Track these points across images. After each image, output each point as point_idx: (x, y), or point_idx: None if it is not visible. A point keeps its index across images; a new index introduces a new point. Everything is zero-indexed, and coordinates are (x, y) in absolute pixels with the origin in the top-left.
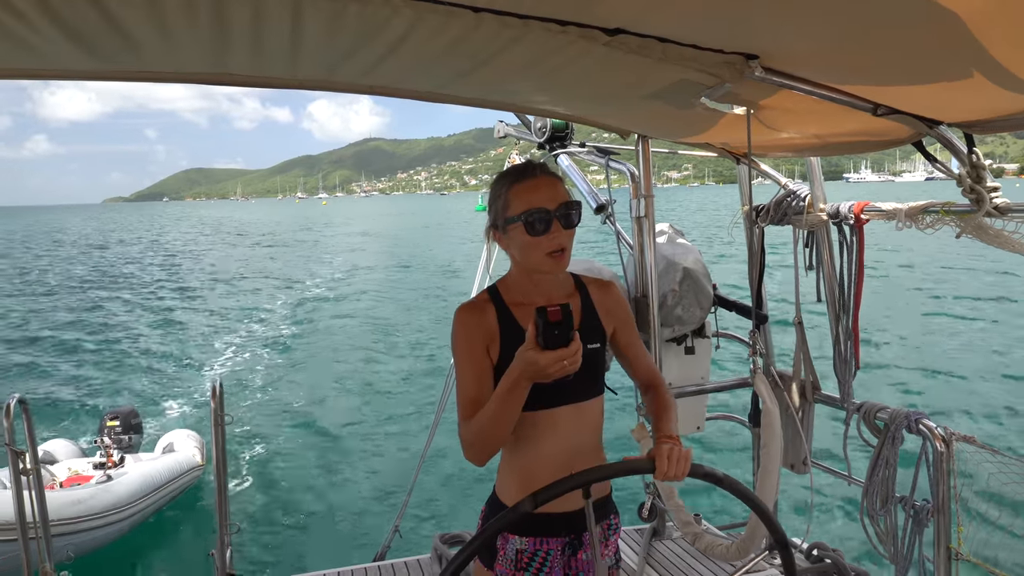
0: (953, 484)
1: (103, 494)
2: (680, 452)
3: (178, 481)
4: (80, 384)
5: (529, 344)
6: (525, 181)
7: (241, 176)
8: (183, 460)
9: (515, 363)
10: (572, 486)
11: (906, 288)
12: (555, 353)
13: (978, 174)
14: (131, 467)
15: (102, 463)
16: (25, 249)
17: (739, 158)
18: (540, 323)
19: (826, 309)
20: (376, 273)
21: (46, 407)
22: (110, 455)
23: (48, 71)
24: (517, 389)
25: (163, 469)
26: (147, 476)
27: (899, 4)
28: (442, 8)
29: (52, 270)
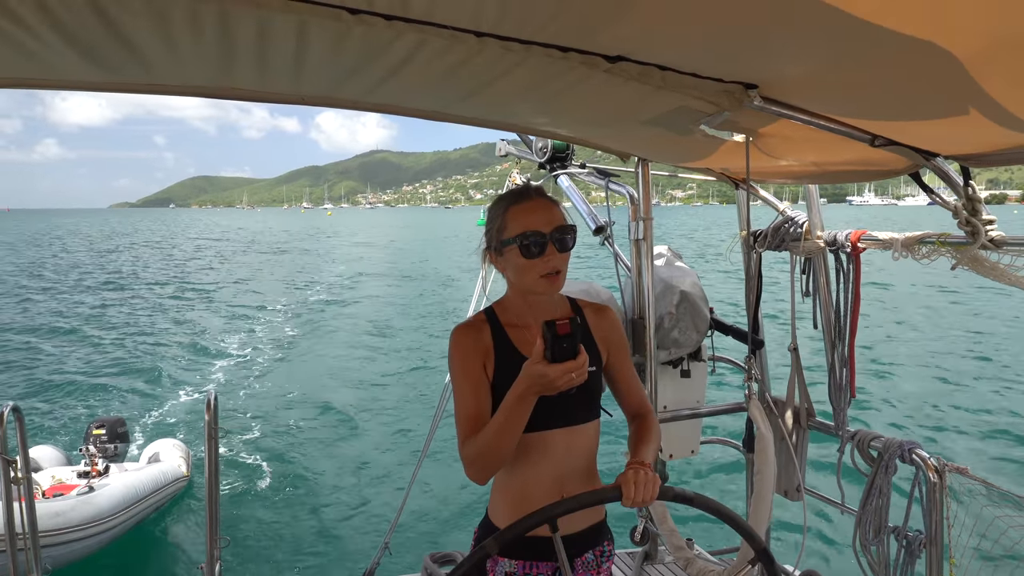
0: (946, 515)
1: (83, 506)
2: (647, 476)
3: (162, 492)
4: (69, 390)
5: (536, 358)
6: (521, 204)
7: (248, 185)
8: (168, 470)
9: (522, 377)
10: (537, 521)
11: (903, 314)
12: (563, 366)
13: (974, 207)
14: (115, 477)
15: (86, 472)
16: (35, 250)
17: (738, 183)
18: (549, 336)
19: (822, 336)
20: (374, 283)
21: (32, 411)
22: (94, 464)
23: (55, 81)
24: (523, 403)
25: (147, 480)
26: (130, 487)
27: (896, 41)
28: (446, 32)
29: (50, 273)
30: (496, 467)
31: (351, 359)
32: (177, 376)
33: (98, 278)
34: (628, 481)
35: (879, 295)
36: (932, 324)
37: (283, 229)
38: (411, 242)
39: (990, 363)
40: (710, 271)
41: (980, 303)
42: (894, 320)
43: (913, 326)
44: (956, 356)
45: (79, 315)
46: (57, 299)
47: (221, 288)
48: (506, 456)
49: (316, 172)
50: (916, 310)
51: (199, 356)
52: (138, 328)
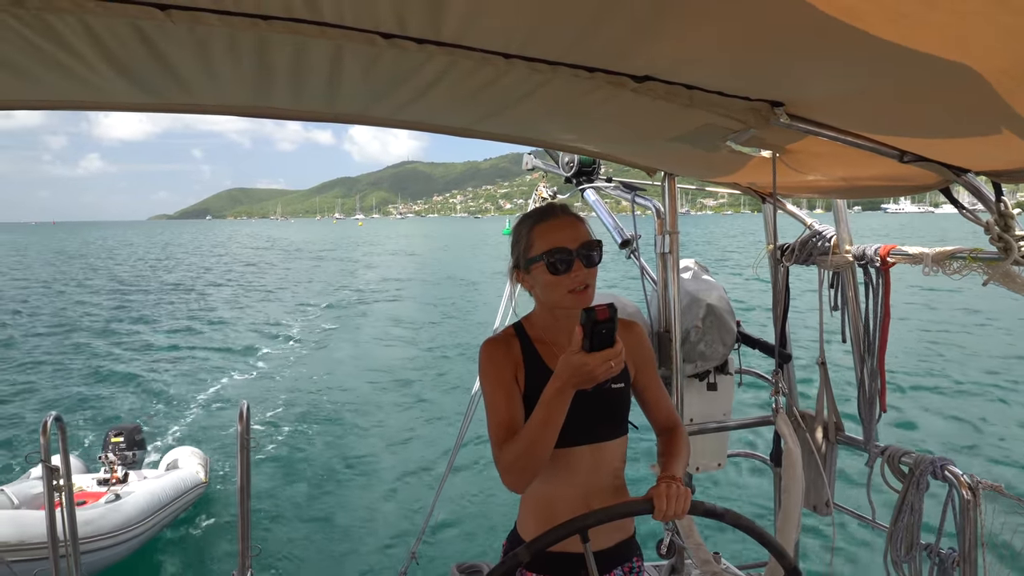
0: (980, 533)
1: (112, 513)
2: (678, 490)
3: (182, 499)
4: (87, 397)
5: (575, 348)
6: (547, 222)
7: (281, 196)
8: (187, 477)
9: (560, 370)
10: (568, 532)
11: (939, 329)
12: (602, 354)
13: (1006, 222)
14: (135, 484)
15: (106, 479)
16: (80, 259)
17: (765, 198)
18: (588, 324)
19: (851, 350)
20: (406, 288)
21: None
22: (114, 471)
23: (103, 104)
24: (562, 397)
25: (168, 487)
26: (153, 494)
27: (922, 62)
28: (475, 54)
29: (75, 283)
30: (535, 471)
31: (379, 370)
32: (197, 383)
33: (124, 284)
34: (660, 494)
35: (917, 310)
36: (971, 340)
37: (308, 240)
38: (438, 251)
39: None
40: (743, 282)
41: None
42: (930, 335)
43: (951, 341)
44: (990, 372)
45: (101, 323)
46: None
47: (244, 298)
48: (544, 458)
49: (348, 183)
50: (953, 325)
51: (221, 363)
52: (156, 335)
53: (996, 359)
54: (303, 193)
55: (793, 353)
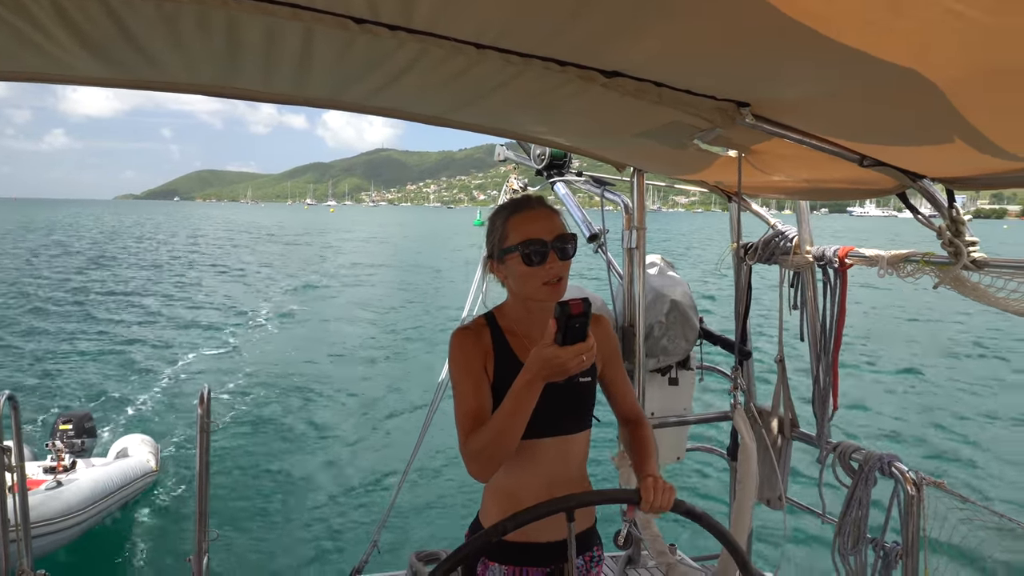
0: (923, 527)
1: (52, 500)
2: (665, 484)
3: (130, 487)
4: (36, 383)
5: (547, 341)
6: (522, 213)
7: (252, 180)
8: (136, 466)
9: (531, 362)
10: (555, 509)
11: (899, 327)
12: (574, 348)
13: (957, 228)
14: (82, 472)
15: (52, 467)
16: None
17: (731, 196)
18: (562, 318)
19: (808, 349)
20: (372, 277)
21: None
22: (61, 459)
23: (66, 77)
24: (532, 388)
25: (115, 475)
26: (98, 482)
27: (882, 70)
28: (447, 43)
29: (31, 265)
30: (500, 460)
31: (343, 356)
32: (151, 369)
33: (77, 269)
34: (647, 486)
35: (883, 310)
36: (926, 339)
37: (278, 224)
38: (409, 239)
39: (980, 379)
40: (702, 277)
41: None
42: (889, 335)
43: (908, 340)
44: (945, 371)
45: (54, 306)
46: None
47: (200, 282)
48: (511, 448)
49: (321, 168)
50: (913, 325)
51: (176, 349)
52: (113, 321)
53: (951, 359)
54: (274, 177)
55: (754, 350)
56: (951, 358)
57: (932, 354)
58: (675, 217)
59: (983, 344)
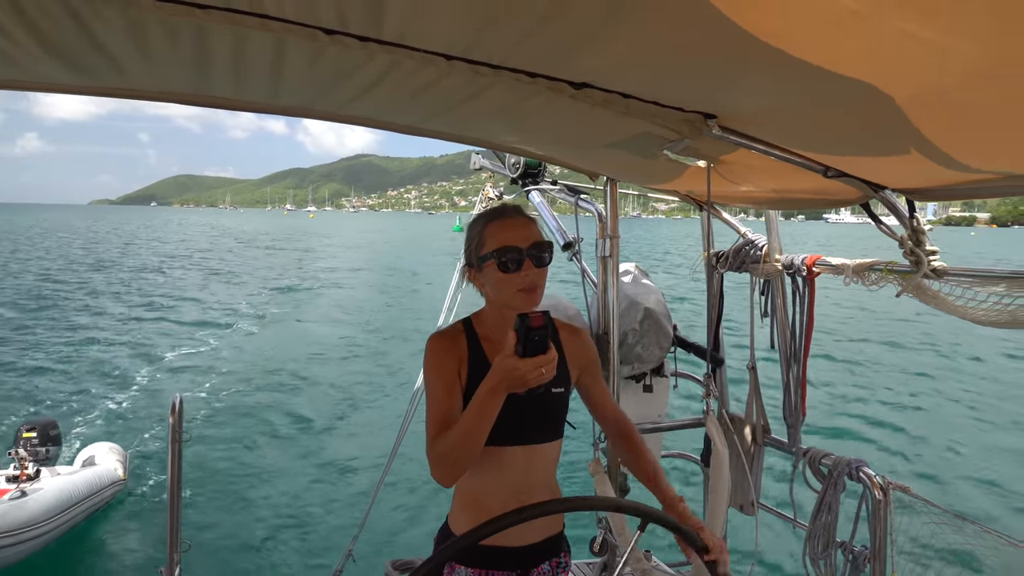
0: (890, 531)
1: (15, 511)
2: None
3: (97, 496)
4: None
5: (508, 351)
6: (499, 221)
7: (231, 185)
8: (103, 474)
9: (493, 372)
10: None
11: (874, 336)
12: (534, 360)
13: (918, 238)
14: (47, 481)
15: (15, 476)
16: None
17: (702, 205)
18: (521, 329)
19: (778, 356)
20: (348, 281)
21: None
22: (24, 468)
23: (32, 84)
24: (494, 398)
25: (81, 484)
26: (63, 491)
27: (840, 85)
28: (417, 55)
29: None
30: (463, 466)
31: (316, 361)
32: (120, 375)
33: (43, 274)
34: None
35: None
36: (908, 345)
37: (256, 231)
38: (389, 244)
39: (953, 387)
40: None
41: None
42: (867, 339)
43: (891, 345)
44: (917, 377)
45: (19, 310)
46: None
47: (176, 290)
48: (474, 455)
49: (301, 174)
50: (895, 332)
51: (146, 355)
52: (79, 326)
53: (917, 366)
54: (254, 183)
55: (727, 357)
56: (919, 365)
57: (901, 360)
58: (655, 223)
59: (949, 350)
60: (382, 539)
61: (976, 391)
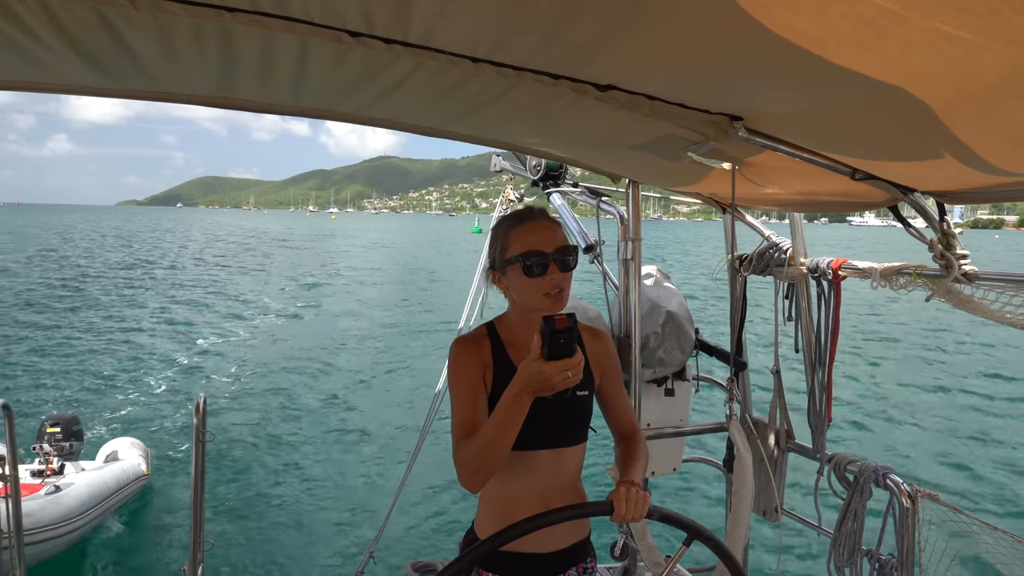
0: (918, 540)
1: (52, 506)
2: (638, 494)
3: (124, 491)
4: (22, 385)
5: (534, 355)
6: (524, 224)
7: (255, 186)
8: (128, 469)
9: (518, 376)
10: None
11: (903, 341)
12: (560, 363)
13: (948, 241)
14: (73, 476)
15: (40, 470)
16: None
17: (725, 208)
18: (547, 332)
19: (803, 360)
20: (371, 284)
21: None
22: (49, 463)
23: (60, 86)
24: (520, 402)
25: (109, 479)
26: (94, 487)
27: (871, 87)
28: (442, 56)
29: (32, 269)
30: (490, 471)
31: (340, 366)
32: (143, 370)
33: (71, 272)
34: (619, 497)
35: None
36: (931, 352)
37: (290, 232)
38: (410, 245)
39: (980, 392)
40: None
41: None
42: (891, 346)
43: (913, 352)
44: (941, 383)
45: (47, 308)
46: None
47: (199, 286)
48: (500, 459)
49: (323, 175)
50: (919, 338)
51: (168, 352)
52: (104, 324)
53: (947, 372)
54: (277, 184)
55: (750, 361)
56: (948, 371)
57: (928, 366)
58: (676, 226)
59: (982, 355)
60: (403, 541)
61: (1009, 395)
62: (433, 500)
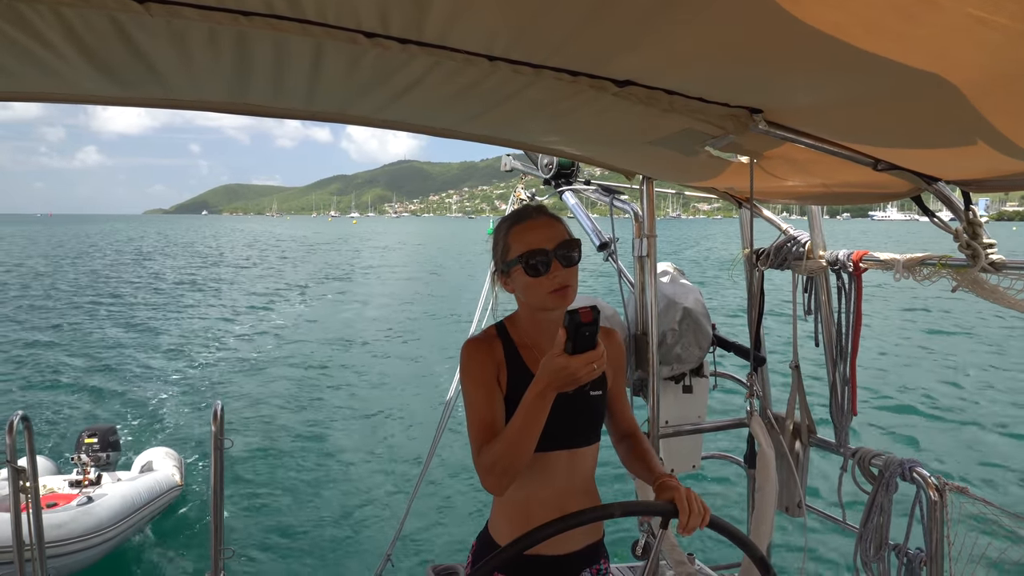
0: (946, 533)
1: (84, 516)
2: (701, 502)
3: (157, 502)
4: (59, 397)
5: (557, 351)
6: (522, 224)
7: (277, 192)
8: (162, 480)
9: (541, 373)
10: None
11: (920, 330)
12: (584, 356)
13: (974, 230)
14: (109, 487)
15: (78, 481)
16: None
17: (742, 203)
18: (571, 326)
19: (824, 354)
20: (383, 290)
21: None
22: (86, 473)
23: (75, 96)
24: (543, 400)
25: (143, 490)
26: (127, 498)
27: (898, 74)
28: (459, 55)
29: (57, 279)
30: (515, 472)
31: (356, 370)
32: (174, 383)
33: (92, 286)
34: (682, 499)
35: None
36: (948, 343)
37: (315, 237)
38: (427, 248)
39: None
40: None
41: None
42: (912, 338)
43: (930, 344)
44: (963, 376)
45: (72, 320)
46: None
47: (225, 294)
48: (525, 460)
49: (344, 180)
50: (937, 329)
51: (199, 361)
52: (134, 335)
53: (971, 363)
54: (299, 190)
55: (768, 356)
56: (973, 362)
57: (953, 357)
58: (695, 224)
59: (1006, 346)
60: (420, 543)
61: None
62: (451, 501)
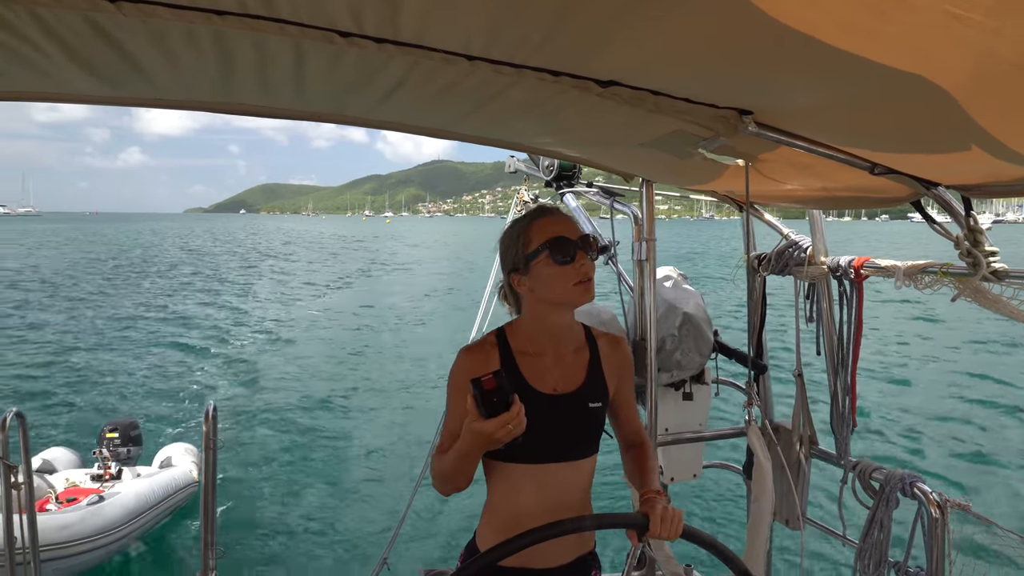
0: (947, 551)
1: (91, 518)
2: (674, 512)
3: (172, 499)
4: (84, 391)
5: (472, 416)
6: (544, 217)
7: (313, 192)
8: (179, 476)
9: (463, 434)
10: (554, 533)
11: (927, 341)
12: (498, 419)
13: (975, 237)
14: (126, 482)
15: (99, 475)
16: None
17: (741, 206)
18: (477, 394)
19: (825, 363)
20: (398, 291)
21: (48, 414)
22: (107, 467)
23: (67, 96)
24: (470, 457)
25: (157, 487)
26: (140, 495)
27: (887, 77)
28: (436, 55)
29: (86, 277)
30: (455, 488)
31: (355, 372)
32: (194, 379)
33: (140, 273)
34: (655, 513)
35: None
36: (954, 353)
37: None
38: (458, 247)
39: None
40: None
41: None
42: (916, 346)
43: (936, 354)
44: (971, 387)
45: (102, 315)
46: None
47: (242, 294)
48: (462, 486)
49: (379, 180)
50: (944, 339)
51: (218, 359)
52: (162, 329)
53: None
54: (334, 189)
55: (772, 363)
56: (979, 373)
57: (960, 368)
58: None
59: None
60: (416, 547)
61: None
62: (447, 506)
